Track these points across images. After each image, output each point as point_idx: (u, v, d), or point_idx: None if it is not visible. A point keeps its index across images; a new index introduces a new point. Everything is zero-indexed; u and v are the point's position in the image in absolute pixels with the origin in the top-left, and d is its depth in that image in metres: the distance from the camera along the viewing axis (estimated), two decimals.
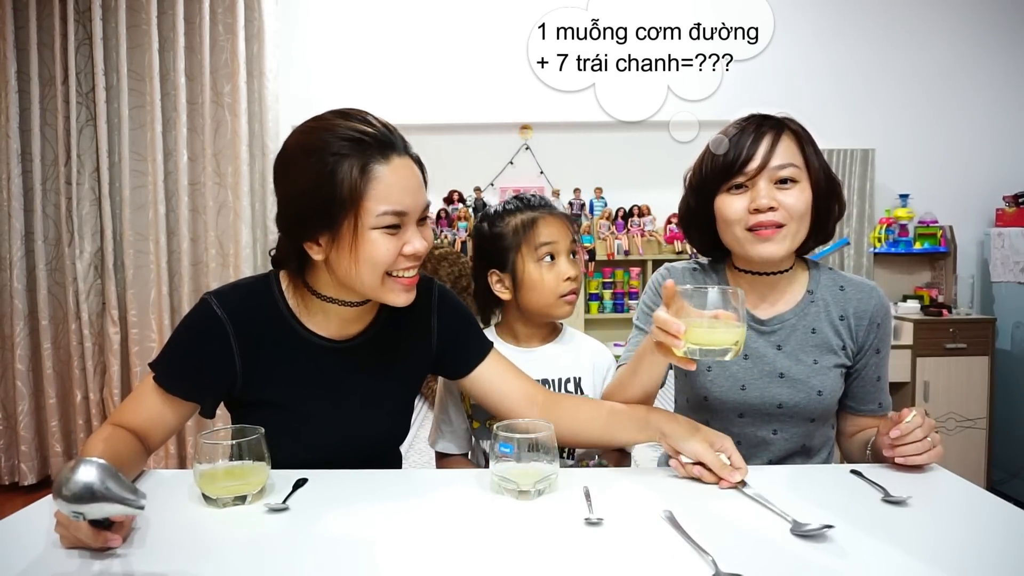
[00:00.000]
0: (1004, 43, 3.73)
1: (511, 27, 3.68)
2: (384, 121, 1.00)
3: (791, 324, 1.22)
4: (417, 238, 0.99)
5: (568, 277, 1.26)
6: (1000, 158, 3.75)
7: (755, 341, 1.22)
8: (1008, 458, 3.25)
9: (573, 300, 1.28)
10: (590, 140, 3.85)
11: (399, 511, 0.90)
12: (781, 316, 1.22)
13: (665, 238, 3.74)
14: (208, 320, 1.02)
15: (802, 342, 1.21)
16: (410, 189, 0.97)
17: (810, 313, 1.22)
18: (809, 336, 1.21)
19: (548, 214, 1.27)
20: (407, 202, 0.96)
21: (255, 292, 1.07)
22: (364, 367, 1.09)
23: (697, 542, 0.77)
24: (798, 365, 1.20)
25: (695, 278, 1.29)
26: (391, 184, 0.95)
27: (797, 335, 1.21)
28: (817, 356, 1.20)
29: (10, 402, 3.31)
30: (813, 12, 3.71)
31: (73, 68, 3.23)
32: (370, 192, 0.94)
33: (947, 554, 0.77)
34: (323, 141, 0.95)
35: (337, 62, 3.67)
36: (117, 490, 0.68)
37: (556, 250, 1.26)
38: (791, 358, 1.20)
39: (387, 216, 0.95)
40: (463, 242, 3.65)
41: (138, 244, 3.36)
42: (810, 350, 1.21)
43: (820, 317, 1.21)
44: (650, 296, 1.31)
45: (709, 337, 0.90)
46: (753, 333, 1.22)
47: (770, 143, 1.13)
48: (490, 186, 3.83)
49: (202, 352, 1.03)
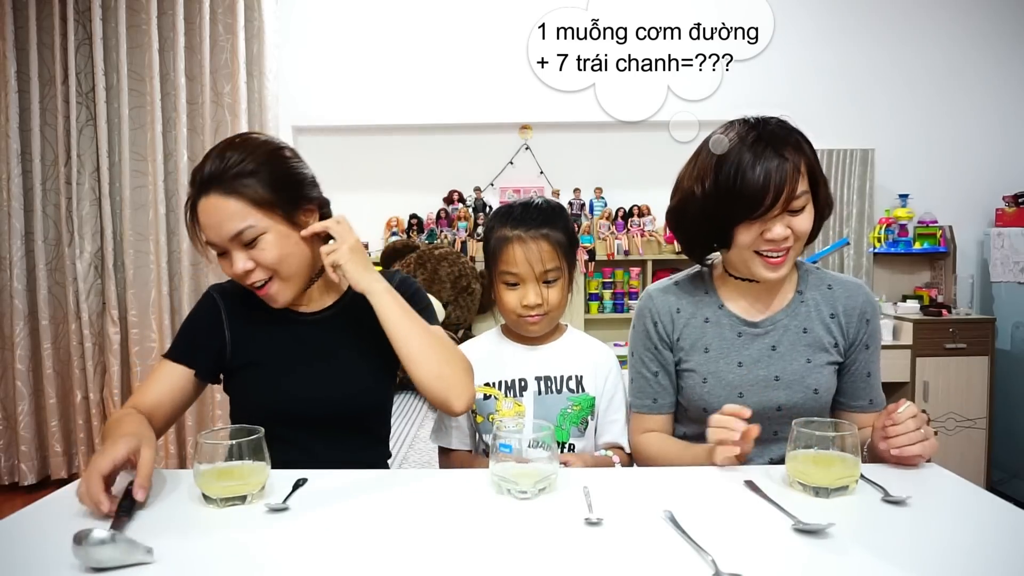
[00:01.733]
0: (1004, 43, 3.74)
1: (511, 27, 3.68)
2: (213, 153, 1.15)
3: (783, 324, 1.22)
4: (240, 260, 1.12)
5: (527, 304, 1.23)
6: (1000, 158, 3.76)
7: (749, 346, 1.22)
8: (1008, 458, 3.25)
9: (537, 321, 1.25)
10: (590, 140, 3.85)
11: (399, 511, 0.90)
12: (773, 317, 1.23)
13: (665, 238, 3.74)
14: (207, 301, 1.25)
15: (794, 342, 1.21)
16: (211, 226, 1.12)
17: (800, 313, 1.22)
18: (801, 336, 1.21)
19: (520, 240, 1.22)
20: (212, 236, 1.13)
21: None
22: (334, 334, 1.24)
23: (697, 542, 0.77)
24: (792, 365, 1.20)
25: (681, 298, 1.28)
26: (203, 223, 1.13)
27: (789, 335, 1.22)
28: (810, 355, 1.21)
29: (10, 402, 3.31)
30: (813, 12, 3.71)
31: (73, 68, 3.23)
32: (201, 228, 1.14)
33: (947, 554, 0.77)
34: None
35: (337, 62, 3.67)
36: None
37: (520, 279, 1.23)
38: (785, 359, 1.21)
39: (211, 246, 1.14)
40: (463, 242, 3.65)
41: (138, 244, 3.36)
42: (803, 349, 1.21)
43: (811, 316, 1.22)
44: (640, 340, 1.29)
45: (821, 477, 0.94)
46: (747, 337, 1.22)
47: (787, 174, 1.08)
48: (490, 186, 3.83)
49: (200, 323, 1.23)
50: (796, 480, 0.95)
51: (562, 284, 1.26)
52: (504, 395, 1.28)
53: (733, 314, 1.24)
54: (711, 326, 1.24)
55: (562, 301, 1.27)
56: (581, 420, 1.29)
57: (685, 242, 1.27)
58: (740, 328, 1.23)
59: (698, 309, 1.26)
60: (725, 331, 1.24)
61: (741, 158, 1.10)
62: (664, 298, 1.28)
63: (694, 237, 1.23)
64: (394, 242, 3.51)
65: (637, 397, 1.29)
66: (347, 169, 3.76)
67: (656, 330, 1.27)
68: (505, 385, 1.29)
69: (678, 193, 1.23)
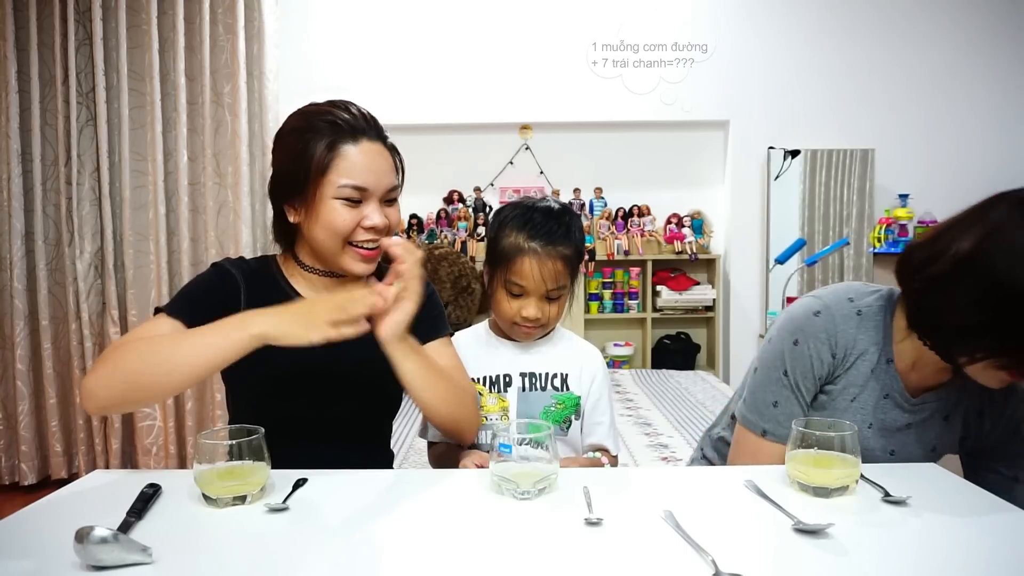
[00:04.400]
0: (1004, 43, 3.74)
1: (511, 27, 3.69)
2: (366, 112, 1.14)
3: (931, 407, 1.12)
4: (377, 214, 1.09)
5: (526, 316, 1.22)
6: (1000, 158, 3.76)
7: (889, 411, 1.12)
8: None
9: (531, 333, 1.25)
10: (590, 140, 3.86)
11: (399, 511, 0.90)
12: (926, 398, 1.11)
13: (665, 238, 3.74)
14: (221, 272, 1.17)
15: (932, 424, 1.14)
16: (372, 169, 1.09)
17: (952, 397, 1.12)
18: (941, 422, 1.14)
19: (535, 255, 1.19)
20: (368, 180, 1.08)
21: (259, 264, 1.22)
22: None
23: (697, 542, 0.77)
24: (920, 445, 1.13)
25: (861, 334, 1.10)
26: (355, 162, 1.08)
27: (934, 419, 1.14)
28: (937, 444, 1.16)
29: (10, 402, 3.31)
30: (814, 12, 3.71)
31: (73, 68, 3.22)
32: (335, 166, 1.07)
33: (947, 554, 0.77)
34: (306, 122, 1.11)
35: (337, 62, 3.67)
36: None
37: (525, 292, 1.21)
38: (914, 436, 1.13)
39: (347, 189, 1.07)
40: (463, 242, 3.65)
41: (138, 244, 3.35)
42: (933, 437, 1.15)
43: (958, 403, 1.13)
44: (803, 362, 1.09)
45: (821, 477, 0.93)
46: (892, 402, 1.12)
47: None
48: (490, 186, 3.83)
49: (213, 290, 1.14)
50: (796, 480, 0.95)
51: (564, 299, 1.25)
52: (488, 390, 1.28)
53: (895, 378, 1.09)
54: (873, 379, 1.09)
55: (560, 315, 1.26)
56: (564, 419, 1.27)
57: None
58: (895, 396, 1.10)
59: (869, 353, 1.09)
60: (877, 392, 1.10)
61: None
62: (846, 329, 1.09)
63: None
64: None
65: (767, 420, 1.13)
66: None
67: (833, 361, 1.09)
68: (490, 380, 1.28)
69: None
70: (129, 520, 0.84)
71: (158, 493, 0.94)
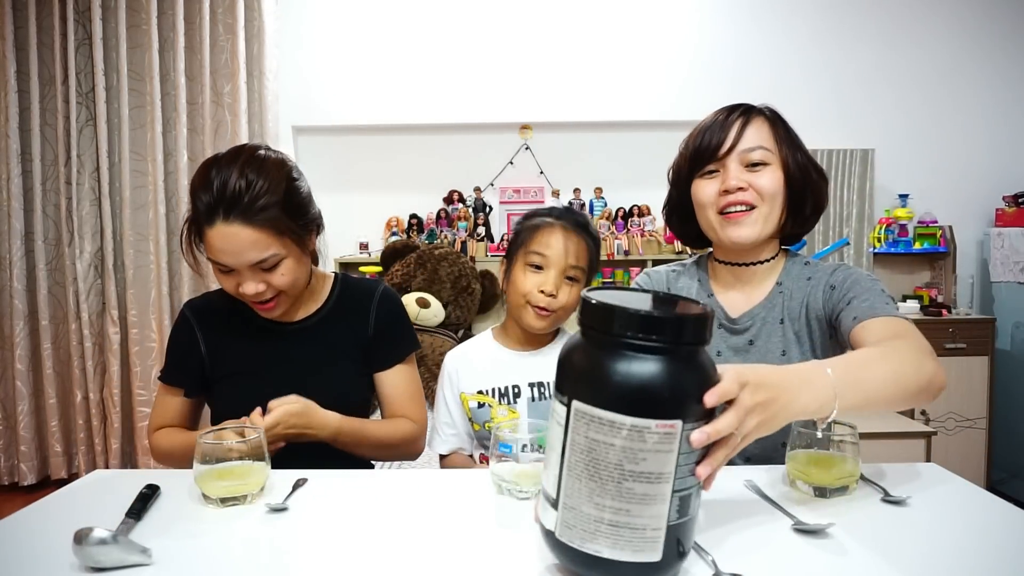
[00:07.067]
0: (1003, 43, 3.73)
1: (511, 27, 3.68)
2: (233, 186, 1.08)
3: (761, 318, 1.19)
4: (249, 283, 1.13)
5: (543, 290, 1.23)
6: (1000, 158, 3.76)
7: (728, 338, 1.20)
8: (1008, 458, 3.25)
9: (544, 315, 1.25)
10: (590, 140, 3.85)
11: (399, 511, 0.90)
12: (751, 312, 1.20)
13: (665, 238, 3.74)
14: (180, 320, 1.30)
15: (770, 334, 1.18)
16: (228, 251, 1.10)
17: (778, 304, 1.19)
18: (777, 327, 1.18)
19: (562, 228, 1.25)
20: (228, 260, 1.11)
21: (222, 293, 1.25)
22: (313, 342, 1.28)
23: (697, 542, 0.77)
24: (766, 358, 1.17)
25: (679, 278, 1.29)
26: (213, 244, 1.10)
27: (767, 328, 1.19)
28: (785, 347, 1.17)
29: (10, 402, 3.31)
30: (814, 12, 3.71)
31: (73, 68, 3.23)
32: (205, 240, 1.12)
33: (947, 554, 0.77)
34: (191, 189, 1.13)
35: (337, 62, 3.67)
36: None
37: (545, 263, 1.23)
38: (759, 353, 1.18)
39: (216, 264, 1.13)
40: (463, 242, 3.65)
41: (138, 244, 3.35)
42: (778, 341, 1.17)
43: (788, 307, 1.18)
44: None
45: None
46: (724, 333, 1.21)
47: (740, 127, 1.14)
48: (490, 186, 3.83)
49: (177, 343, 1.29)
50: (796, 480, 0.95)
51: (578, 289, 1.25)
52: (498, 402, 1.28)
53: (720, 306, 1.22)
54: None
55: (572, 306, 1.26)
56: None
57: (678, 230, 1.30)
58: (722, 321, 1.22)
59: (690, 293, 1.25)
60: None
61: (710, 122, 1.17)
62: (658, 275, 1.30)
63: (681, 217, 1.25)
64: (394, 242, 3.51)
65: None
66: (347, 169, 3.76)
67: None
68: (499, 392, 1.29)
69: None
70: (128, 521, 0.84)
71: (157, 493, 0.94)
